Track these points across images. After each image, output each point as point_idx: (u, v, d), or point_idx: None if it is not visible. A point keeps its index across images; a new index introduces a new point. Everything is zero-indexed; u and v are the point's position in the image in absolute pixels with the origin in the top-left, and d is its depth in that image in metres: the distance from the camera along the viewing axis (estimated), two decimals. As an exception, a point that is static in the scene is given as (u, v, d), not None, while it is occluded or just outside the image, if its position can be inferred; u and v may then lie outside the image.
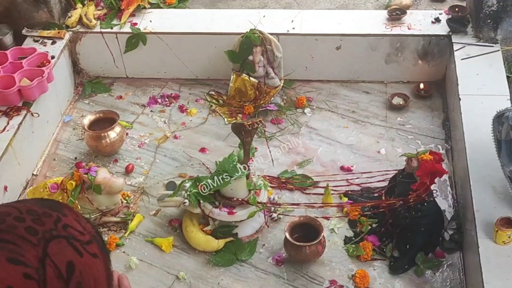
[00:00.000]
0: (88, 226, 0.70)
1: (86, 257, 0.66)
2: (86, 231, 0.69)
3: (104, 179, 1.86)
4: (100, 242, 0.71)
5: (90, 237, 0.69)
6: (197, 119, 2.43)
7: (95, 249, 0.69)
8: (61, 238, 0.65)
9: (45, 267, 0.62)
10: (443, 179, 2.05)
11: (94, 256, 0.68)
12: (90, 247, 0.68)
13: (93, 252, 0.68)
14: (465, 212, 1.85)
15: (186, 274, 1.79)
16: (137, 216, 1.97)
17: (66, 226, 0.67)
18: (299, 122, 2.38)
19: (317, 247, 1.72)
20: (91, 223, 0.72)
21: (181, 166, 2.20)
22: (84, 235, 0.68)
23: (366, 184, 2.06)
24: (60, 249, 0.64)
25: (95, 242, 0.69)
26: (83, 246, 0.66)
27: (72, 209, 0.71)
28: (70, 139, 2.35)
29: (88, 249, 0.67)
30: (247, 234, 1.91)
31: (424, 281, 1.75)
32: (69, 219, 0.68)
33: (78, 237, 0.67)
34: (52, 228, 0.66)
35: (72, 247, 0.65)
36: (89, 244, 0.68)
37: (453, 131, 2.24)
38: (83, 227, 0.69)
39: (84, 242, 0.67)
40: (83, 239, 0.67)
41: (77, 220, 0.69)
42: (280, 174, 2.13)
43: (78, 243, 0.66)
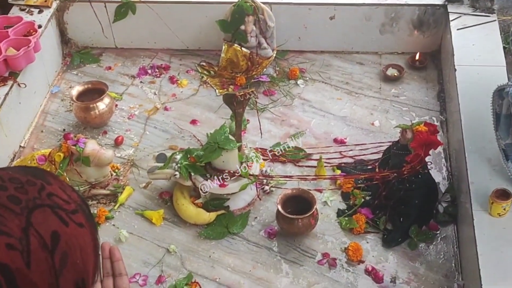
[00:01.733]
0: (73, 195, 0.68)
1: (72, 227, 0.64)
2: (71, 200, 0.66)
3: (93, 150, 1.83)
4: (87, 212, 0.68)
5: (76, 206, 0.66)
6: (188, 90, 2.40)
7: (81, 218, 0.66)
8: (46, 207, 0.62)
9: (29, 237, 0.59)
10: (438, 151, 2.03)
11: (80, 225, 0.65)
12: (76, 216, 0.65)
13: (79, 222, 0.65)
14: (460, 184, 1.83)
15: (177, 247, 1.77)
16: (127, 188, 1.95)
17: (50, 194, 0.64)
18: (292, 94, 2.35)
19: (309, 219, 1.70)
20: (76, 192, 0.69)
21: (172, 138, 2.17)
22: (70, 204, 0.65)
23: (360, 157, 2.04)
24: (44, 219, 0.61)
25: (81, 212, 0.67)
26: (68, 215, 0.64)
27: (57, 177, 0.68)
28: (58, 111, 2.31)
29: (74, 219, 0.64)
30: (239, 207, 1.89)
31: (417, 254, 1.74)
32: (53, 187, 0.65)
33: (63, 206, 0.64)
34: (36, 196, 0.63)
35: (57, 216, 0.63)
36: (74, 213, 0.65)
37: (448, 102, 2.21)
38: (68, 195, 0.67)
39: (70, 211, 0.64)
40: (68, 208, 0.65)
41: (62, 189, 0.67)
42: (272, 147, 2.10)
43: (63, 212, 0.64)
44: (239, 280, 1.69)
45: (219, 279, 1.69)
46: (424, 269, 1.70)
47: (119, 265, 1.22)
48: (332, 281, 1.68)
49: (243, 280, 1.69)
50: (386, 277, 1.68)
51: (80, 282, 0.65)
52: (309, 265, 1.72)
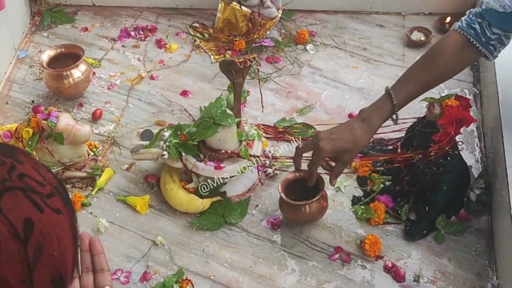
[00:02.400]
0: (49, 176, 0.68)
1: (48, 213, 0.64)
2: (46, 181, 0.67)
3: (67, 126, 1.82)
4: (64, 195, 0.68)
5: (52, 189, 0.66)
6: (177, 56, 2.39)
7: (58, 203, 0.66)
8: (17, 190, 0.62)
9: None
10: (470, 129, 2.03)
11: (57, 211, 0.65)
12: (52, 201, 0.65)
13: (56, 207, 0.65)
14: (495, 168, 1.83)
15: (165, 239, 1.78)
16: (107, 170, 1.95)
17: (22, 175, 0.64)
18: (300, 61, 2.35)
19: (320, 203, 1.70)
20: (52, 173, 0.69)
21: (159, 112, 2.16)
22: (45, 186, 0.66)
23: (379, 135, 2.03)
24: (15, 203, 0.61)
25: (58, 195, 0.67)
26: (43, 199, 0.64)
27: (28, 155, 0.68)
28: (25, 79, 2.30)
29: (50, 204, 0.65)
30: (238, 192, 1.89)
31: (445, 248, 1.75)
32: (25, 167, 0.65)
33: (37, 189, 0.64)
34: (5, 177, 0.63)
35: (30, 200, 0.63)
36: (50, 197, 0.65)
37: (482, 72, 2.21)
38: (42, 177, 0.67)
39: (45, 195, 0.65)
40: (43, 191, 0.65)
41: (36, 169, 0.67)
42: (277, 123, 2.10)
43: (38, 196, 0.64)
44: (237, 277, 1.70)
45: (214, 276, 1.70)
46: (452, 266, 1.71)
47: (100, 259, 1.22)
48: (345, 279, 1.69)
49: (242, 278, 1.69)
50: (408, 275, 1.69)
51: (57, 278, 0.65)
52: (318, 261, 1.73)
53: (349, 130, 1.58)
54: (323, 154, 1.57)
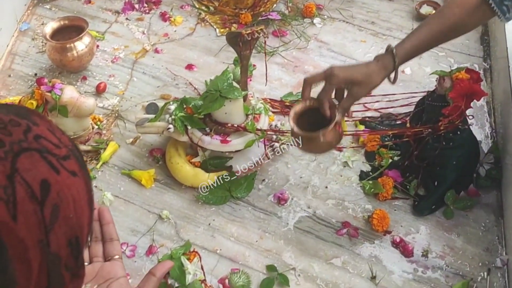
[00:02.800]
0: (64, 139, 0.67)
1: (64, 175, 0.63)
2: (62, 144, 0.66)
3: (71, 98, 1.82)
4: (80, 158, 0.68)
5: (68, 151, 0.66)
6: (182, 29, 2.38)
7: (74, 166, 0.66)
8: (33, 151, 0.62)
9: (15, 186, 0.59)
10: (480, 104, 2.03)
11: (73, 174, 0.65)
12: (68, 163, 0.65)
13: (72, 170, 0.65)
14: (506, 143, 1.83)
15: (171, 213, 1.78)
16: (111, 144, 1.94)
17: (38, 137, 0.63)
18: (307, 35, 2.33)
19: (335, 129, 1.56)
20: (67, 136, 0.68)
21: (164, 86, 2.16)
22: (61, 148, 0.65)
23: (387, 109, 2.03)
24: (32, 164, 0.61)
25: (74, 158, 0.66)
26: (59, 161, 0.63)
27: (44, 117, 0.68)
28: (28, 52, 2.30)
29: (66, 166, 0.64)
30: (244, 167, 1.89)
31: (454, 224, 1.75)
32: (41, 128, 0.65)
33: (53, 150, 0.64)
34: (21, 139, 0.62)
35: (47, 162, 0.62)
36: (66, 159, 0.65)
37: (493, 47, 2.20)
38: (58, 139, 0.66)
39: (61, 157, 0.64)
40: (59, 153, 0.64)
41: (51, 131, 0.66)
42: (283, 97, 2.09)
43: (54, 158, 0.63)
44: (244, 251, 1.70)
45: (220, 250, 1.70)
46: (461, 241, 1.71)
47: (109, 229, 1.22)
48: (353, 254, 1.69)
49: (248, 252, 1.70)
50: (416, 251, 1.69)
51: (74, 240, 0.65)
52: (326, 236, 1.73)
53: (364, 65, 1.55)
54: (335, 80, 1.51)
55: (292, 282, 1.62)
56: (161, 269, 1.20)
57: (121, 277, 1.15)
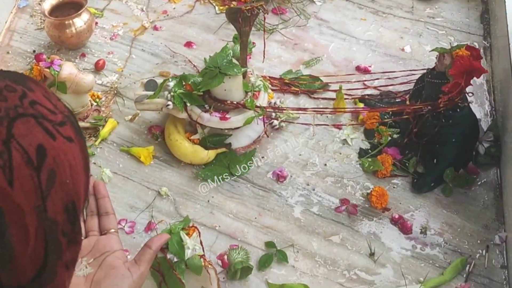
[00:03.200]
0: (60, 105, 0.67)
1: (60, 141, 0.64)
2: (58, 110, 0.66)
3: (70, 74, 1.81)
4: (75, 124, 0.68)
5: (63, 117, 0.66)
6: (181, 6, 2.37)
7: (70, 131, 0.66)
8: (29, 117, 0.62)
9: (11, 151, 0.59)
10: (479, 82, 2.02)
11: (69, 140, 0.65)
12: (64, 129, 0.65)
13: (68, 135, 0.65)
14: (505, 121, 1.82)
15: (170, 190, 1.78)
16: (110, 121, 1.94)
17: (34, 102, 0.63)
18: (307, 13, 2.32)
19: None
20: (62, 102, 0.68)
21: (163, 63, 2.15)
22: (56, 114, 0.65)
23: (387, 87, 2.03)
24: (28, 130, 0.61)
25: (70, 124, 0.66)
26: (55, 127, 0.64)
27: (39, 83, 0.68)
28: (27, 29, 2.28)
29: (62, 132, 0.64)
30: (243, 144, 1.88)
31: (452, 201, 1.75)
32: (37, 94, 0.65)
33: (49, 116, 0.64)
34: (17, 104, 0.62)
35: (43, 127, 0.62)
36: (62, 125, 0.65)
37: (493, 25, 2.19)
38: (54, 105, 0.66)
39: (57, 123, 0.64)
40: (55, 119, 0.64)
41: (47, 97, 0.66)
42: (283, 75, 2.09)
43: (50, 123, 0.63)
44: (243, 228, 1.70)
45: (219, 227, 1.70)
46: (460, 218, 1.71)
47: (105, 203, 1.23)
48: (351, 231, 1.69)
49: (247, 229, 1.70)
50: (415, 227, 1.69)
51: (70, 205, 0.65)
52: (325, 213, 1.73)
53: None
54: None
55: (290, 258, 1.63)
56: (157, 242, 1.20)
57: (117, 250, 1.15)
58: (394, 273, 1.60)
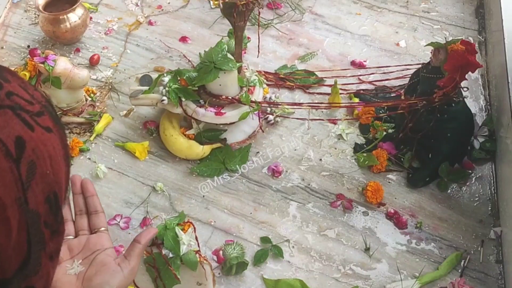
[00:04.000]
0: (37, 94, 0.66)
1: (38, 132, 0.63)
2: (35, 100, 0.65)
3: (64, 70, 1.80)
4: (53, 114, 0.67)
5: (41, 107, 0.65)
6: (176, 1, 2.36)
7: (48, 122, 0.65)
8: (6, 109, 0.61)
9: None
10: (474, 77, 2.02)
11: (48, 130, 0.64)
12: (42, 119, 0.64)
13: (46, 126, 0.64)
14: (500, 116, 1.82)
15: (165, 185, 1.77)
16: (105, 116, 1.93)
17: (10, 93, 0.62)
18: (302, 7, 2.31)
19: None
20: (40, 91, 0.67)
21: (158, 58, 2.14)
22: (34, 105, 0.64)
23: (382, 82, 2.02)
24: (5, 122, 0.60)
25: (48, 113, 0.65)
26: (33, 118, 0.62)
27: (15, 73, 0.67)
28: (21, 24, 2.27)
29: (40, 122, 0.63)
30: (238, 139, 1.88)
31: (448, 196, 1.75)
32: (13, 85, 0.64)
33: (27, 107, 0.63)
34: None
35: (20, 119, 0.61)
36: (40, 115, 0.64)
37: (488, 19, 2.18)
38: (31, 95, 0.65)
39: (34, 113, 0.63)
40: (32, 109, 0.63)
41: (23, 87, 0.65)
42: (278, 70, 2.08)
43: (27, 114, 0.62)
44: (238, 223, 1.70)
45: (214, 222, 1.70)
46: (455, 213, 1.71)
47: (93, 201, 1.22)
48: (347, 226, 1.69)
49: (243, 224, 1.69)
50: (410, 222, 1.69)
51: (52, 196, 0.64)
52: (320, 208, 1.73)
53: None
54: None
55: (286, 253, 1.63)
56: (145, 236, 1.20)
57: (108, 248, 1.15)
58: (389, 268, 1.60)
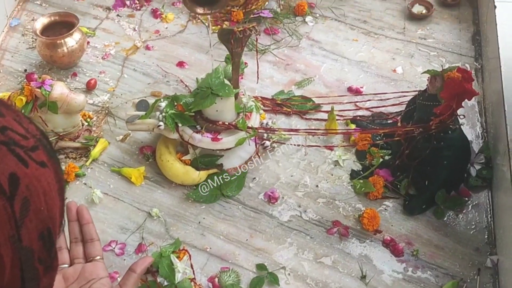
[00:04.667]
0: (31, 128, 0.66)
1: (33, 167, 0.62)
2: (29, 134, 0.64)
3: (61, 94, 1.80)
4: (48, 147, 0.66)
5: (36, 141, 0.64)
6: (174, 26, 2.37)
7: (43, 156, 0.64)
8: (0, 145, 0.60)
9: None
10: (471, 104, 2.03)
11: (42, 165, 0.63)
12: (37, 154, 0.63)
13: (41, 160, 0.63)
14: (496, 143, 1.83)
15: (161, 211, 1.77)
16: (101, 141, 1.93)
17: (4, 128, 0.62)
18: (299, 33, 2.33)
19: None
20: (34, 124, 0.67)
21: (155, 83, 2.15)
22: (28, 139, 0.63)
23: (379, 108, 2.03)
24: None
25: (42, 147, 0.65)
26: (27, 153, 0.62)
27: (9, 106, 0.66)
28: (18, 48, 2.28)
29: (34, 157, 0.63)
30: (235, 165, 1.88)
31: (444, 223, 1.75)
32: (7, 119, 0.63)
33: (21, 142, 0.62)
34: None
35: (14, 155, 0.61)
36: (34, 150, 0.63)
37: (484, 47, 2.20)
38: (25, 129, 0.64)
39: (29, 149, 0.63)
40: (27, 144, 0.63)
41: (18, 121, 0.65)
42: (275, 95, 2.09)
43: (22, 150, 0.62)
44: (234, 250, 1.69)
45: (210, 249, 1.69)
46: (452, 241, 1.71)
47: (89, 229, 1.21)
48: (343, 253, 1.68)
49: (238, 251, 1.69)
50: (407, 250, 1.69)
51: (46, 232, 0.64)
52: (316, 235, 1.72)
53: None
54: None
55: (282, 281, 1.62)
56: (141, 265, 1.19)
57: (103, 278, 1.14)
58: (385, 296, 1.60)
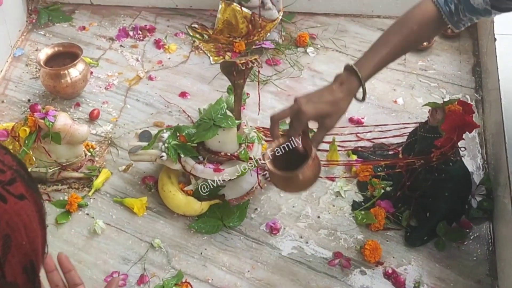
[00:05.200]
0: (7, 159, 0.65)
1: (11, 202, 0.61)
2: (6, 166, 0.64)
3: (64, 125, 1.82)
4: (26, 177, 0.65)
5: (13, 173, 0.64)
6: (176, 57, 2.39)
7: (21, 188, 0.63)
8: None
9: None
10: (472, 135, 2.04)
11: (21, 197, 0.63)
12: (14, 187, 0.63)
13: (19, 193, 0.63)
14: (497, 175, 1.84)
15: (163, 241, 1.77)
16: (104, 171, 1.94)
17: None
18: (300, 64, 2.35)
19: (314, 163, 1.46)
20: (10, 154, 0.66)
21: (157, 113, 2.16)
22: (5, 172, 0.63)
23: (380, 140, 2.04)
24: None
25: (20, 179, 0.64)
26: (5, 188, 0.61)
27: None
28: (22, 78, 2.30)
29: (12, 191, 0.62)
30: (236, 196, 1.89)
31: (445, 255, 1.75)
32: None
33: None
34: None
35: None
36: (12, 183, 0.63)
37: (485, 78, 2.21)
38: (1, 161, 0.64)
39: (6, 183, 0.62)
40: (4, 178, 0.62)
41: None
42: (276, 126, 2.10)
43: None
44: (236, 281, 1.69)
45: (211, 280, 1.69)
46: (453, 273, 1.71)
47: (72, 276, 1.18)
48: (345, 285, 1.69)
49: (240, 282, 1.69)
50: (408, 282, 1.69)
51: (29, 265, 0.63)
52: (318, 266, 1.73)
53: (329, 93, 1.44)
54: (304, 118, 1.40)
55: (283, 313, 1.62)
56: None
57: None
58: (387, 329, 1.60)
